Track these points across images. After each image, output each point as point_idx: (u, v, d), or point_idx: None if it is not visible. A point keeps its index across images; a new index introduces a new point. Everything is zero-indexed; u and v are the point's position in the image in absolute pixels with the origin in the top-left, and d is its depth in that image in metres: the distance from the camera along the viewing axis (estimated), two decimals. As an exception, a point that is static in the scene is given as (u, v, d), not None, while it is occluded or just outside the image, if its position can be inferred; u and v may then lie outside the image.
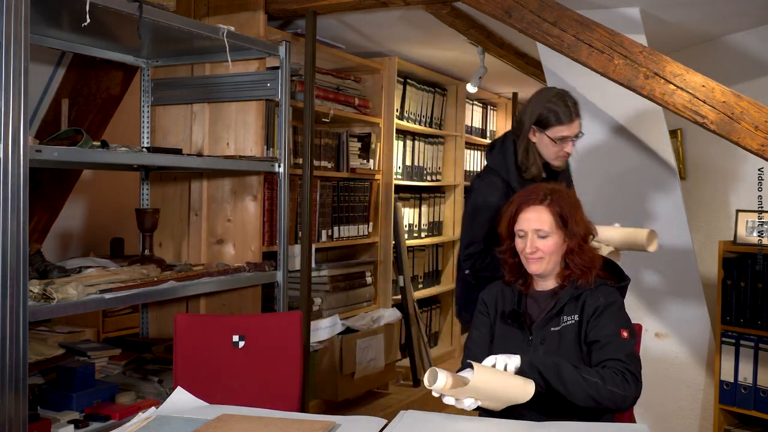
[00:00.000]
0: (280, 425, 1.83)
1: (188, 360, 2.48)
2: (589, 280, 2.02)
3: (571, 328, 1.98)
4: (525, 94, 5.82)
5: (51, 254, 3.97)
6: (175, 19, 2.55)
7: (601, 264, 2.10)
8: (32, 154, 2.01)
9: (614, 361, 1.88)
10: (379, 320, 4.09)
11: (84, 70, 3.51)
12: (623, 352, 1.89)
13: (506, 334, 2.07)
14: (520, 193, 2.12)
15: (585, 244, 2.05)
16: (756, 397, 3.32)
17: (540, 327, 2.01)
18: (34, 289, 2.19)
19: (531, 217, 2.02)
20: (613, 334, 1.93)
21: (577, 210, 2.06)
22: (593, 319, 1.96)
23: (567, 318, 1.99)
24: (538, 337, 2.00)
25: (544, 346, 1.99)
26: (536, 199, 2.04)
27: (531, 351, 1.99)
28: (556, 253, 2.03)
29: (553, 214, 2.02)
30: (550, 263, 2.03)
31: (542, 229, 2.01)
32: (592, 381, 1.81)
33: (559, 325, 1.99)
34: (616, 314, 1.98)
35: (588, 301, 1.99)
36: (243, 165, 3.05)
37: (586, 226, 2.07)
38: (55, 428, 2.32)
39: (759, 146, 2.52)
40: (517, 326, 2.05)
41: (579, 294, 2.01)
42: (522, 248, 2.03)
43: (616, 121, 3.37)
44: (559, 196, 2.05)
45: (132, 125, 3.65)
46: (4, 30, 1.90)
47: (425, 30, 3.73)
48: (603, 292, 2.01)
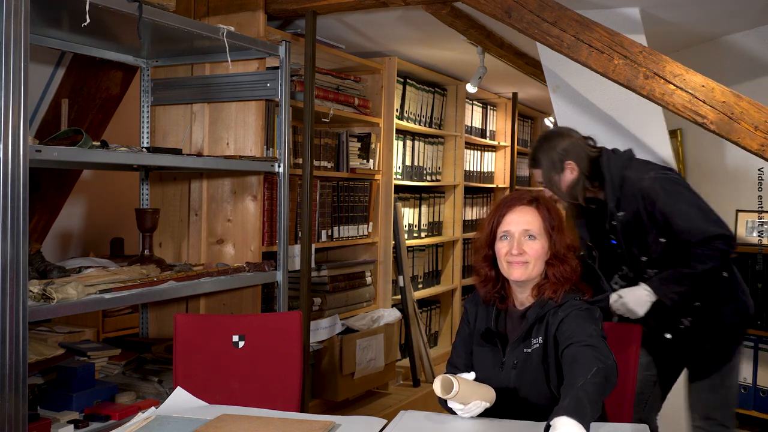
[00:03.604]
0: (279, 425, 1.83)
1: (188, 360, 2.48)
2: (558, 294, 1.94)
3: (537, 352, 1.91)
4: (525, 94, 5.83)
5: (51, 254, 3.97)
6: (174, 19, 2.55)
7: (579, 276, 2.00)
8: (32, 154, 2.01)
9: (574, 344, 1.79)
10: (379, 320, 4.09)
11: (84, 70, 3.51)
12: (585, 334, 1.81)
13: (481, 354, 2.02)
14: (503, 197, 2.07)
15: (569, 253, 1.97)
16: (756, 397, 3.32)
17: (513, 348, 1.95)
18: (33, 289, 2.19)
19: (519, 219, 1.96)
20: (576, 327, 1.85)
21: (561, 219, 2.00)
22: (557, 336, 1.88)
23: (534, 341, 1.93)
24: (510, 360, 1.94)
25: (516, 370, 1.93)
26: (523, 200, 1.99)
27: (503, 373, 1.94)
28: (541, 259, 1.95)
29: (541, 217, 1.97)
30: (535, 269, 1.95)
31: (531, 229, 1.94)
32: (599, 380, 1.71)
33: (530, 348, 1.93)
34: (577, 316, 1.88)
35: (550, 320, 1.91)
36: (243, 165, 3.05)
37: (570, 235, 1.99)
38: (54, 428, 2.32)
39: (759, 146, 2.52)
40: (491, 346, 1.99)
41: (543, 314, 1.93)
42: (507, 251, 1.95)
43: (616, 121, 3.37)
44: (545, 201, 2.02)
45: (132, 125, 3.65)
46: (4, 30, 1.90)
47: (425, 30, 3.73)
48: (565, 307, 1.91)
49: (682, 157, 3.92)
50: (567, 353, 1.83)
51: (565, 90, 3.44)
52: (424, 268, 4.96)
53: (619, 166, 2.61)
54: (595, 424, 1.83)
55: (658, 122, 3.29)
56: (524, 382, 1.92)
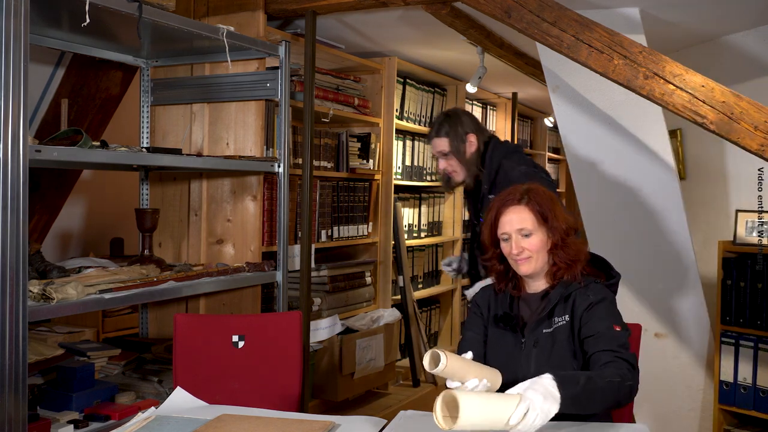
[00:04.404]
0: (279, 425, 1.83)
1: (188, 360, 2.48)
2: (575, 275, 2.01)
3: (563, 329, 1.97)
4: (524, 94, 5.83)
5: (51, 254, 3.97)
6: (174, 19, 2.55)
7: (588, 258, 2.09)
8: (32, 154, 2.01)
9: (608, 352, 1.87)
10: (379, 320, 4.09)
11: (83, 70, 3.51)
12: (616, 342, 1.88)
13: (499, 338, 2.06)
14: (497, 197, 2.12)
15: (567, 237, 2.03)
16: (755, 397, 3.32)
17: (532, 329, 2.01)
18: (33, 289, 2.19)
19: (512, 219, 2.02)
20: (605, 328, 1.92)
21: (555, 205, 2.05)
22: (585, 317, 1.96)
23: (558, 319, 1.99)
24: (530, 340, 2.00)
25: (536, 349, 1.98)
26: (514, 199, 2.04)
27: (523, 354, 1.99)
28: (542, 251, 2.02)
29: (533, 212, 2.01)
30: (539, 262, 2.02)
31: (525, 227, 2.00)
32: (615, 382, 1.77)
33: (551, 327, 1.99)
34: (607, 310, 1.97)
35: (578, 300, 1.99)
36: (243, 165, 3.05)
37: (566, 219, 2.05)
38: (54, 428, 2.32)
39: (758, 146, 2.52)
40: (509, 330, 2.04)
41: (569, 294, 2.00)
42: (509, 251, 2.02)
43: (616, 121, 3.37)
44: (535, 193, 2.05)
45: (131, 125, 3.65)
46: (4, 30, 1.90)
47: (425, 30, 3.73)
48: (593, 289, 2.00)
49: (682, 157, 3.92)
50: (596, 358, 1.88)
51: (565, 90, 3.44)
52: (424, 268, 4.96)
53: (501, 154, 2.80)
54: (595, 425, 1.83)
55: (658, 122, 3.29)
56: (545, 361, 1.96)
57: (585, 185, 3.56)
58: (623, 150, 3.39)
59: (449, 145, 2.84)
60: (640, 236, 3.46)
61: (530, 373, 1.95)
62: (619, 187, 3.47)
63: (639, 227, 3.46)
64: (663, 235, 3.42)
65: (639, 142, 3.35)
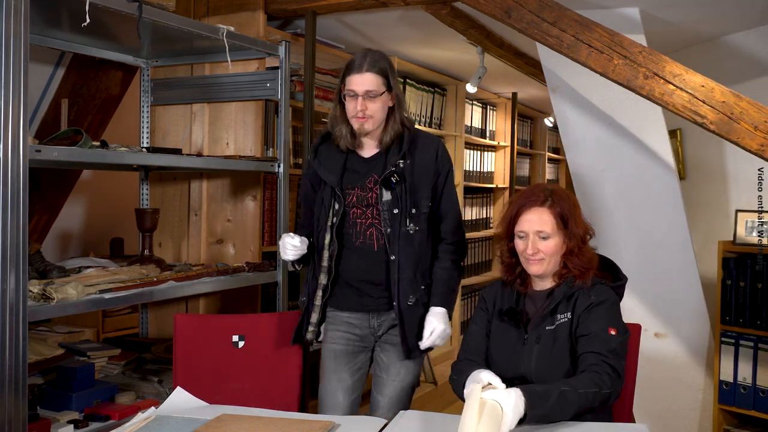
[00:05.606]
0: (279, 425, 1.83)
1: (188, 360, 2.48)
2: (586, 281, 2.03)
3: (565, 326, 1.99)
4: (524, 94, 5.83)
5: (51, 254, 3.97)
6: (174, 19, 2.55)
7: (598, 264, 2.11)
8: (32, 154, 2.01)
9: (595, 354, 1.89)
10: (379, 320, 4.08)
11: (83, 70, 3.51)
12: (606, 347, 1.90)
13: (502, 333, 2.08)
14: (520, 194, 2.13)
15: (584, 245, 2.06)
16: (755, 397, 3.32)
17: (535, 326, 2.03)
18: (33, 289, 2.19)
19: (533, 219, 2.03)
20: (600, 330, 1.94)
21: (576, 210, 2.08)
22: (583, 316, 1.98)
23: (561, 317, 2.01)
24: (533, 336, 2.02)
25: (538, 345, 2.00)
26: (537, 200, 2.05)
27: (525, 350, 2.01)
28: (557, 254, 2.04)
29: (554, 216, 2.03)
30: (551, 264, 2.04)
31: (544, 230, 2.02)
32: (591, 392, 1.81)
33: (554, 324, 2.01)
34: (606, 312, 1.98)
35: (580, 299, 2.01)
36: (242, 165, 3.05)
37: (584, 226, 2.08)
38: (54, 428, 2.32)
39: (758, 146, 2.52)
40: (513, 325, 2.07)
41: (572, 293, 2.02)
42: (523, 249, 2.04)
43: (616, 121, 3.37)
44: (559, 197, 2.06)
45: (132, 125, 3.65)
46: (4, 30, 1.90)
47: (425, 30, 3.73)
48: (596, 290, 2.02)
49: (682, 157, 3.92)
50: (583, 358, 1.91)
51: (564, 90, 3.44)
52: (424, 268, 4.95)
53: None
54: (595, 425, 1.84)
55: (657, 122, 3.29)
56: (546, 357, 1.98)
57: (585, 185, 3.56)
58: (623, 150, 3.39)
59: (384, 86, 2.32)
60: (640, 236, 3.46)
61: (531, 368, 1.98)
62: (619, 187, 3.47)
63: (639, 227, 3.46)
64: (663, 235, 3.42)
65: (639, 142, 3.35)
